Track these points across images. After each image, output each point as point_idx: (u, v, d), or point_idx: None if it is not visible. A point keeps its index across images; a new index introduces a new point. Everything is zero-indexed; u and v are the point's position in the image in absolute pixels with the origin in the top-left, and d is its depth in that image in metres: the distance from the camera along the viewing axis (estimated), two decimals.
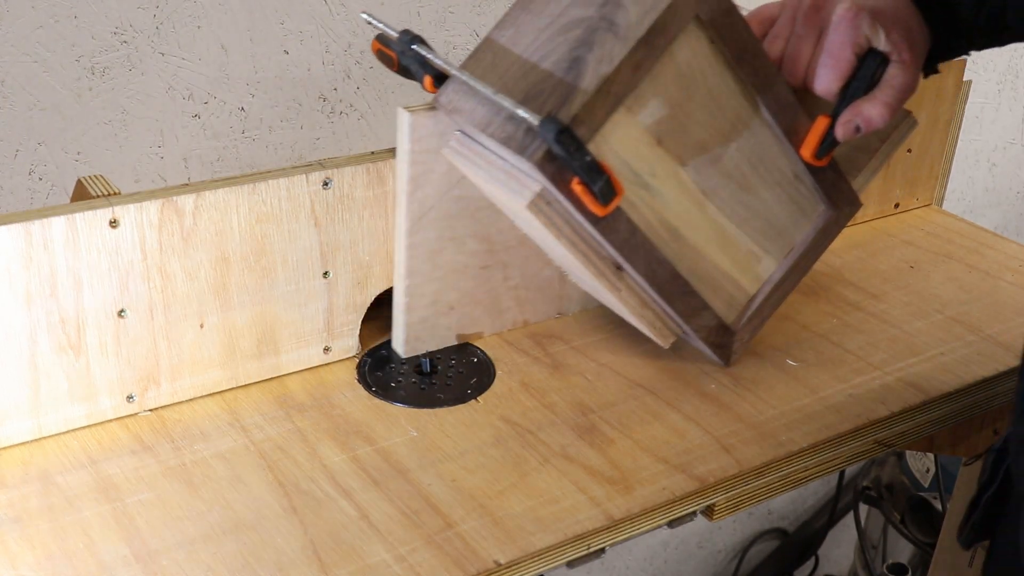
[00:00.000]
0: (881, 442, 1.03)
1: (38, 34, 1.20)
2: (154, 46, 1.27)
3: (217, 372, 0.99)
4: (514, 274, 1.09)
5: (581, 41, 0.87)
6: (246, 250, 0.96)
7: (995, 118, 2.18)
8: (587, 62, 0.86)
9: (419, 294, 1.04)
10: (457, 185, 1.00)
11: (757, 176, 1.00)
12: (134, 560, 0.82)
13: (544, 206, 0.90)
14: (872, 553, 2.13)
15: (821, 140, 0.97)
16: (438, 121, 0.96)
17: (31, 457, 0.92)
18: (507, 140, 0.86)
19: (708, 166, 0.96)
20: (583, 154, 0.84)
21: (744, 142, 0.97)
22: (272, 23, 1.33)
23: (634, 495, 0.90)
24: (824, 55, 0.92)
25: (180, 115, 1.32)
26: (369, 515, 0.87)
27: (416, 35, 0.93)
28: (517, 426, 0.98)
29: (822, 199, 1.04)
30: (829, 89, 0.93)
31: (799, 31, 0.93)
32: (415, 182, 0.98)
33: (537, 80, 0.87)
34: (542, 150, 0.84)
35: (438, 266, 1.03)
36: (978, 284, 1.25)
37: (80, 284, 0.90)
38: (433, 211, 1.00)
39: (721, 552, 2.34)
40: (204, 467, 0.91)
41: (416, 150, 0.97)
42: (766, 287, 1.05)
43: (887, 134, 1.10)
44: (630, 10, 0.86)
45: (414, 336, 1.06)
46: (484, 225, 1.04)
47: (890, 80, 0.92)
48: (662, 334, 1.04)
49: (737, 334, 1.06)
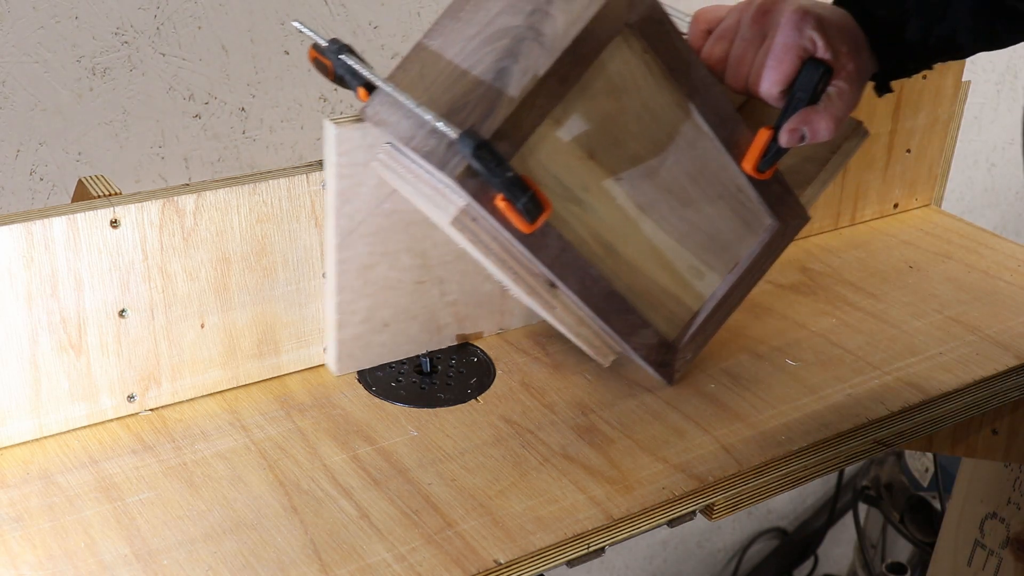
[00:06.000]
0: (880, 442, 1.04)
1: (39, 35, 1.21)
2: (155, 46, 1.27)
3: (218, 372, 0.99)
4: (452, 289, 1.05)
5: (507, 51, 0.83)
6: (247, 250, 0.96)
7: (994, 119, 2.18)
8: (512, 73, 0.82)
9: (351, 311, 1.01)
10: (388, 199, 0.97)
11: (697, 190, 0.97)
12: (135, 559, 0.82)
13: (469, 223, 0.86)
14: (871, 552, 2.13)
15: (763, 153, 0.94)
16: (366, 133, 0.93)
17: (32, 457, 0.92)
18: (429, 155, 0.83)
19: (644, 180, 0.93)
20: (504, 169, 0.80)
21: (682, 155, 0.94)
22: (272, 23, 1.33)
23: (634, 494, 0.91)
24: (769, 57, 0.90)
25: (181, 115, 1.32)
26: (369, 514, 0.87)
27: (344, 44, 0.89)
28: (517, 426, 0.98)
29: (768, 212, 1.01)
30: (770, 92, 0.91)
31: (745, 34, 0.91)
32: (343, 196, 0.95)
33: (463, 92, 0.83)
34: (463, 165, 0.81)
35: (370, 282, 1.00)
36: (977, 284, 1.25)
37: (81, 284, 0.90)
38: (363, 225, 0.97)
39: (721, 551, 2.34)
40: (205, 467, 0.92)
41: (343, 163, 0.94)
42: (710, 303, 1.02)
43: (837, 145, 1.07)
44: (557, 19, 0.83)
45: (347, 353, 1.02)
46: (418, 239, 1.01)
47: (838, 92, 0.91)
48: (601, 352, 1.01)
49: (679, 352, 1.02)
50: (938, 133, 1.38)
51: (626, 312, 0.96)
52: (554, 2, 0.84)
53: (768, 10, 0.91)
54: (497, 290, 1.08)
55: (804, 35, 0.89)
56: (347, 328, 1.01)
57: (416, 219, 0.99)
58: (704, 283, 1.02)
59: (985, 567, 1.38)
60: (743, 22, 0.92)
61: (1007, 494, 1.34)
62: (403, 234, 1.00)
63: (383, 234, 0.99)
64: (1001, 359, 1.11)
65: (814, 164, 1.07)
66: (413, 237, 1.01)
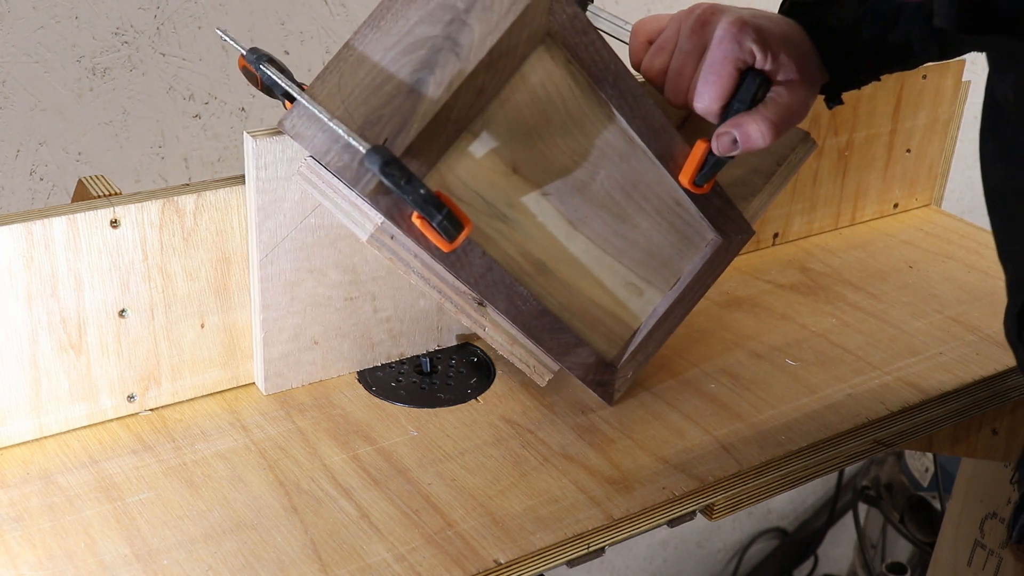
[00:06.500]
0: (880, 441, 1.04)
1: (39, 35, 1.21)
2: (155, 46, 1.27)
3: (218, 372, 0.99)
4: (385, 306, 1.02)
5: (424, 62, 0.80)
6: (247, 250, 0.96)
7: None
8: (428, 85, 0.79)
9: (277, 328, 0.98)
10: (313, 213, 0.94)
11: (632, 204, 0.94)
12: (135, 559, 0.82)
13: (387, 240, 0.83)
14: (871, 552, 2.13)
15: (700, 166, 0.92)
16: (286, 146, 0.91)
17: (32, 457, 0.92)
18: (342, 170, 0.79)
19: (574, 194, 0.90)
20: (416, 187, 0.77)
21: (614, 168, 0.91)
22: (273, 24, 1.33)
23: (634, 494, 0.91)
24: (705, 71, 0.87)
25: (181, 115, 1.32)
26: (369, 514, 0.87)
27: (264, 53, 0.85)
28: (517, 426, 0.98)
29: (709, 227, 0.98)
30: (709, 108, 0.88)
31: (683, 46, 0.88)
32: (264, 211, 0.93)
33: (378, 105, 0.80)
34: (375, 182, 0.78)
35: (297, 299, 0.97)
36: (977, 284, 1.25)
37: (81, 284, 0.90)
38: (287, 241, 0.94)
39: (721, 551, 2.34)
40: (205, 467, 0.92)
41: (262, 177, 0.91)
42: (650, 320, 1.00)
43: (783, 156, 1.04)
44: (474, 29, 0.80)
45: (275, 372, 0.99)
46: (346, 255, 0.98)
47: (774, 97, 0.88)
48: (537, 371, 0.97)
49: (619, 370, 0.99)
50: (938, 133, 1.38)
51: (559, 331, 0.94)
52: (472, 11, 0.81)
53: (706, 21, 0.88)
54: (433, 306, 1.05)
55: (743, 47, 0.86)
56: (274, 346, 0.98)
57: (344, 234, 0.96)
58: (644, 300, 0.99)
59: (985, 567, 1.38)
60: (682, 34, 0.89)
61: (1007, 494, 1.34)
62: (330, 249, 0.97)
63: (308, 249, 0.96)
64: (1001, 359, 1.11)
65: (760, 176, 1.04)
66: (341, 252, 0.97)
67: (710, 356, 1.09)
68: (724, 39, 0.86)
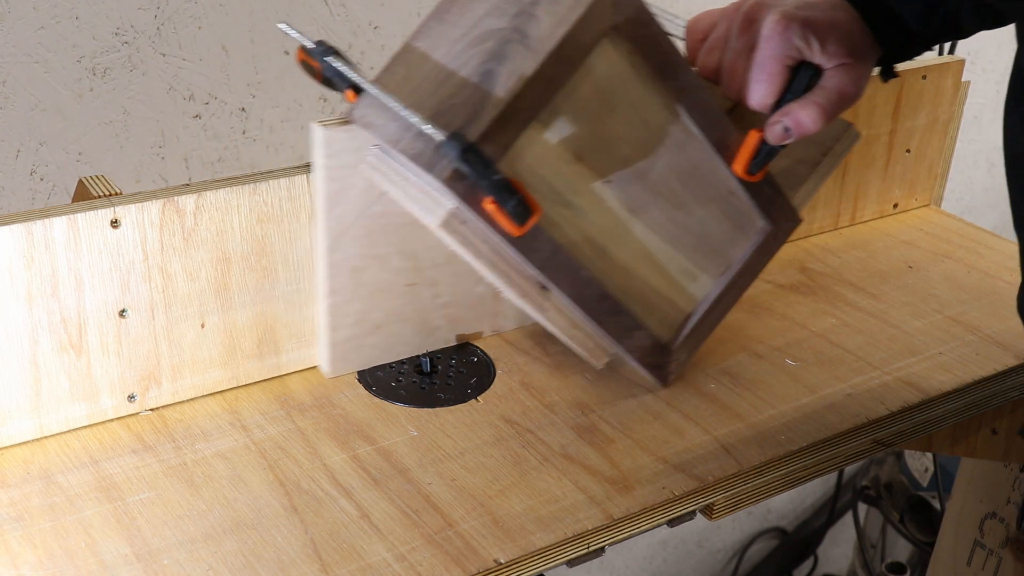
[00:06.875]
0: (880, 442, 1.04)
1: (39, 35, 1.21)
2: (155, 47, 1.27)
3: (218, 372, 0.99)
4: (444, 292, 1.05)
5: (493, 54, 0.82)
6: (247, 250, 0.96)
7: (994, 119, 2.18)
8: (498, 76, 0.81)
9: (343, 313, 1.00)
10: (378, 201, 0.96)
11: (688, 192, 0.96)
12: (135, 559, 0.82)
13: (458, 225, 0.86)
14: (871, 552, 2.13)
15: (753, 155, 0.94)
16: (354, 136, 0.93)
17: (32, 456, 0.92)
18: (416, 157, 0.82)
19: (634, 182, 0.93)
20: (492, 172, 0.80)
21: (672, 157, 0.93)
22: (272, 23, 1.33)
23: (634, 494, 0.91)
24: (755, 70, 0.89)
25: (181, 116, 1.32)
26: (369, 514, 0.87)
27: (331, 47, 0.88)
28: (517, 426, 0.98)
29: (759, 215, 1.00)
30: (763, 104, 0.90)
31: (733, 45, 0.90)
32: (332, 199, 0.95)
33: (448, 94, 0.83)
34: (450, 168, 0.80)
35: (362, 284, 1.00)
36: (977, 284, 1.25)
37: (81, 284, 0.90)
38: (353, 228, 0.97)
39: (720, 551, 2.34)
40: (205, 466, 0.92)
41: (331, 166, 0.94)
42: (703, 306, 1.02)
43: (828, 147, 1.06)
44: (543, 22, 0.82)
45: (340, 356, 1.02)
46: (409, 242, 1.00)
47: (823, 83, 0.89)
48: (595, 355, 1.00)
49: (673, 353, 1.02)
50: (938, 133, 1.38)
51: (619, 314, 0.96)
52: (539, 4, 0.83)
53: (753, 19, 0.89)
54: (490, 292, 1.07)
55: (790, 44, 0.87)
56: (340, 330, 1.01)
57: (406, 221, 0.98)
58: (697, 285, 1.01)
59: (985, 567, 1.39)
60: (731, 32, 0.90)
61: (1007, 494, 1.35)
62: (393, 236, 1.00)
63: (373, 236, 0.98)
64: (1001, 359, 1.11)
65: (805, 166, 1.06)
66: (404, 239, 1.00)
67: (710, 356, 1.09)
68: (771, 38, 0.88)
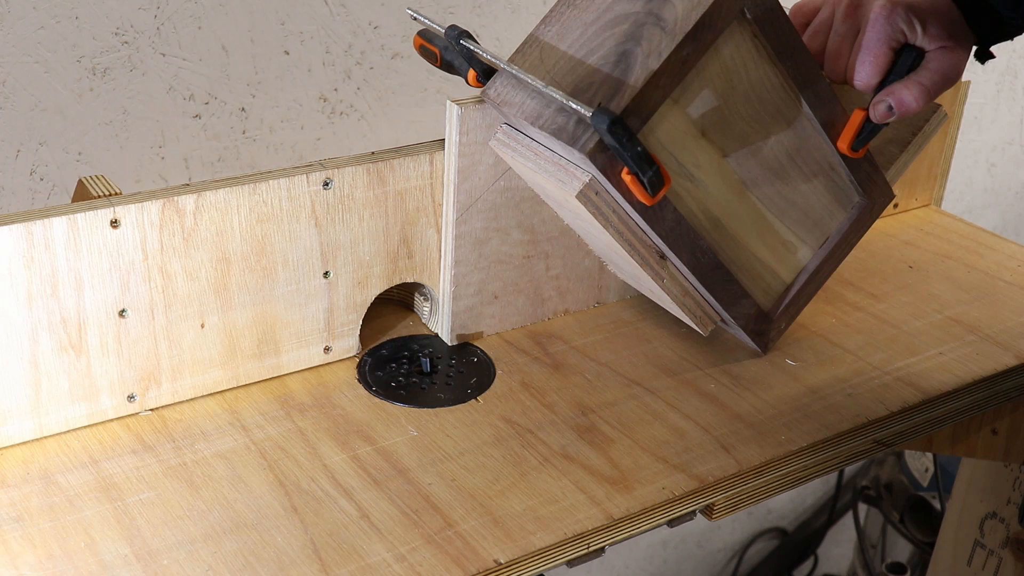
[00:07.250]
0: (880, 442, 1.04)
1: (39, 35, 1.21)
2: (155, 47, 1.27)
3: (218, 372, 0.99)
4: (556, 264, 1.11)
5: (629, 35, 0.88)
6: (247, 250, 0.96)
7: (994, 118, 2.18)
8: (635, 56, 0.87)
9: (465, 283, 1.07)
10: (503, 176, 1.04)
11: (795, 167, 1.01)
12: (135, 559, 0.82)
13: (593, 196, 0.92)
14: (871, 552, 2.13)
15: (857, 132, 0.99)
16: (485, 114, 1.00)
17: (32, 456, 0.92)
18: (558, 132, 0.88)
19: (749, 158, 0.98)
20: (635, 144, 0.86)
21: (784, 134, 0.99)
22: (272, 24, 1.33)
23: (634, 494, 0.91)
24: (862, 52, 0.94)
25: (181, 115, 1.32)
26: (369, 514, 0.87)
27: (464, 30, 0.95)
28: (517, 426, 0.98)
29: (857, 190, 1.06)
30: (868, 85, 0.95)
31: (838, 28, 0.96)
32: (463, 173, 1.02)
33: (585, 74, 0.89)
34: (594, 141, 0.86)
35: (483, 255, 1.06)
36: (977, 284, 1.25)
37: (81, 284, 0.90)
38: (480, 202, 1.04)
39: (720, 551, 2.34)
40: (205, 467, 0.92)
41: (464, 142, 1.00)
42: (802, 276, 1.07)
43: (918, 127, 1.11)
44: (677, 6, 0.88)
45: (459, 324, 1.09)
46: (528, 216, 1.07)
47: (926, 65, 0.94)
48: (702, 322, 1.05)
49: (774, 322, 1.08)
50: (938, 133, 1.38)
51: (730, 283, 1.02)
52: None
53: (859, 4, 0.95)
54: (596, 265, 1.14)
55: (895, 27, 0.92)
56: (461, 300, 1.08)
57: (527, 196, 1.06)
58: (798, 257, 1.07)
59: (985, 567, 1.39)
60: (836, 16, 0.96)
61: (1007, 494, 1.35)
62: (515, 210, 1.06)
63: (496, 210, 1.05)
64: (1001, 359, 1.11)
65: (896, 146, 1.11)
66: (523, 213, 1.07)
67: (710, 356, 1.09)
68: (877, 21, 0.93)
